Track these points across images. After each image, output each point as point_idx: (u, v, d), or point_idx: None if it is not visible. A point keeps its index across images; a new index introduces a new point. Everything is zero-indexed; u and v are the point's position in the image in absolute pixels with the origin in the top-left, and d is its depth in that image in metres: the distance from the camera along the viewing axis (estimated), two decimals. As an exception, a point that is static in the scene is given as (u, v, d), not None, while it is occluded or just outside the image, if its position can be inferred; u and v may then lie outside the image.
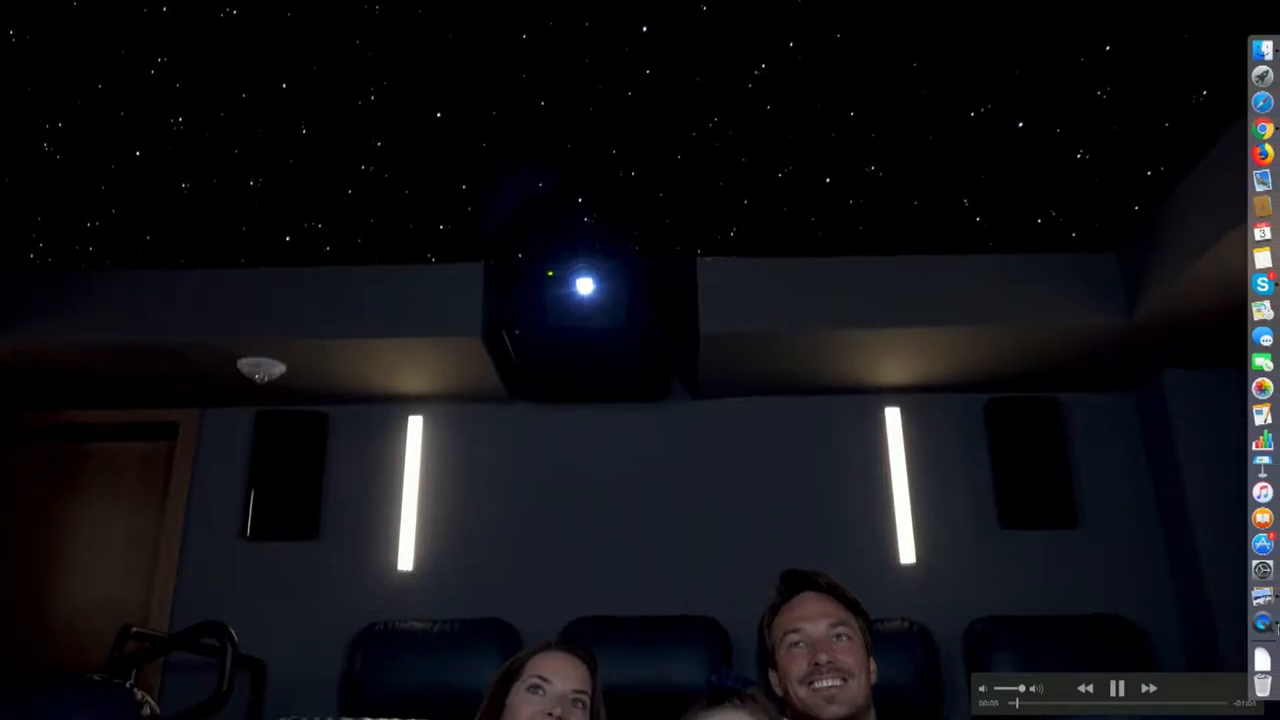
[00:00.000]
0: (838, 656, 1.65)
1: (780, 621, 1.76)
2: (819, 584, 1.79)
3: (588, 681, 1.68)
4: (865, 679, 1.67)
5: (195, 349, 3.92)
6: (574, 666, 1.68)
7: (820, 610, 1.72)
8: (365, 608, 4.06)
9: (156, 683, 4.06)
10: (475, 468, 4.45)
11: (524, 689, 1.64)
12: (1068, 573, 4.17)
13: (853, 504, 4.32)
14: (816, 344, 3.94)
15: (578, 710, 1.63)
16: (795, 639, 1.70)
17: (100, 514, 4.57)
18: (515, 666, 1.69)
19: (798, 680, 1.67)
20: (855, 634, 1.71)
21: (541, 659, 1.68)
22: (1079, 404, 4.43)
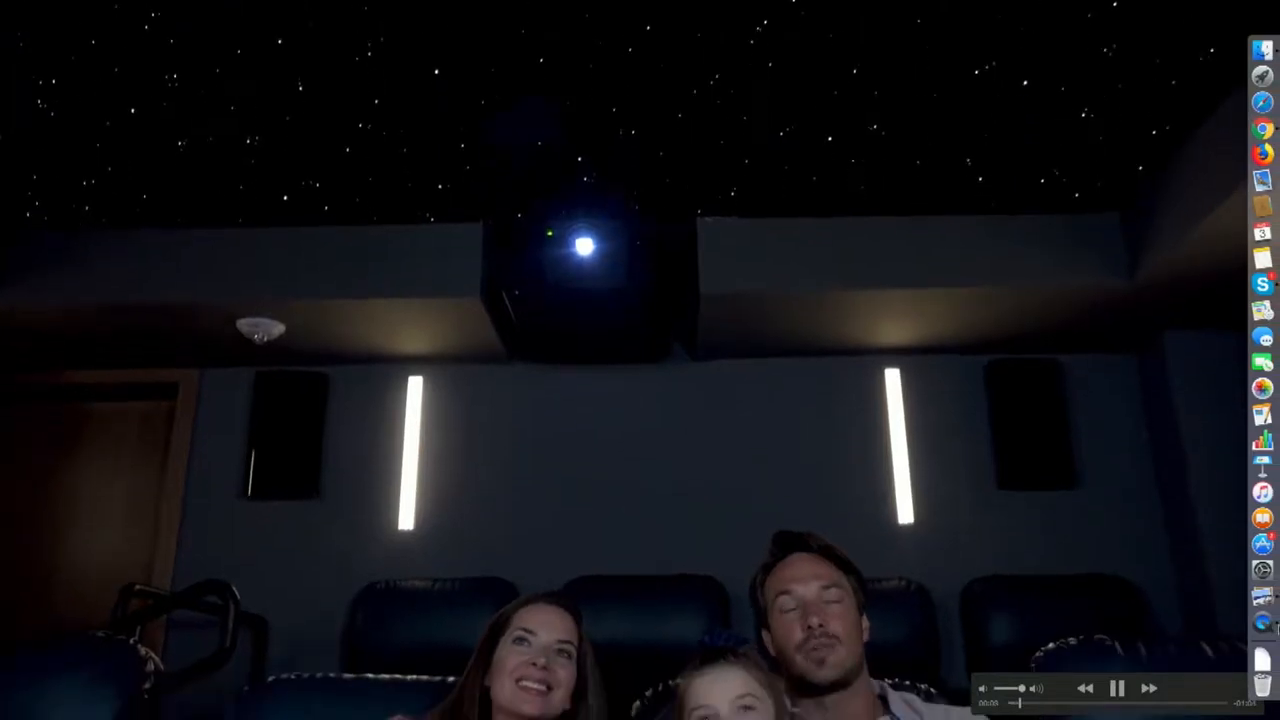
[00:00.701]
0: (829, 621, 1.66)
1: (772, 582, 1.76)
2: (810, 545, 1.79)
3: (573, 631, 1.69)
4: (856, 642, 1.68)
5: (194, 309, 3.91)
6: (559, 617, 1.70)
7: (812, 571, 1.73)
8: (366, 567, 4.09)
9: (160, 641, 4.11)
10: (475, 428, 4.46)
11: (510, 641, 1.65)
12: (1066, 533, 4.19)
13: (852, 464, 4.33)
14: (817, 305, 3.93)
15: (563, 660, 1.65)
16: (787, 601, 1.71)
17: (101, 474, 4.59)
18: (501, 620, 1.70)
19: (790, 645, 1.68)
20: (847, 595, 1.72)
21: (527, 611, 1.70)
22: (1079, 365, 4.43)
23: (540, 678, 1.60)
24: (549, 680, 1.61)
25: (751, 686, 1.46)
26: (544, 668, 1.61)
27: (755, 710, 1.44)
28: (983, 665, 3.80)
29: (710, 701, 1.44)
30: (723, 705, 1.43)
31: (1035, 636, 2.00)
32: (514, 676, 1.60)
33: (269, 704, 1.88)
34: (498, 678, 1.62)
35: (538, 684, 1.59)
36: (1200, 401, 4.06)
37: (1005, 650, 3.70)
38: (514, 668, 1.61)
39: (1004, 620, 3.83)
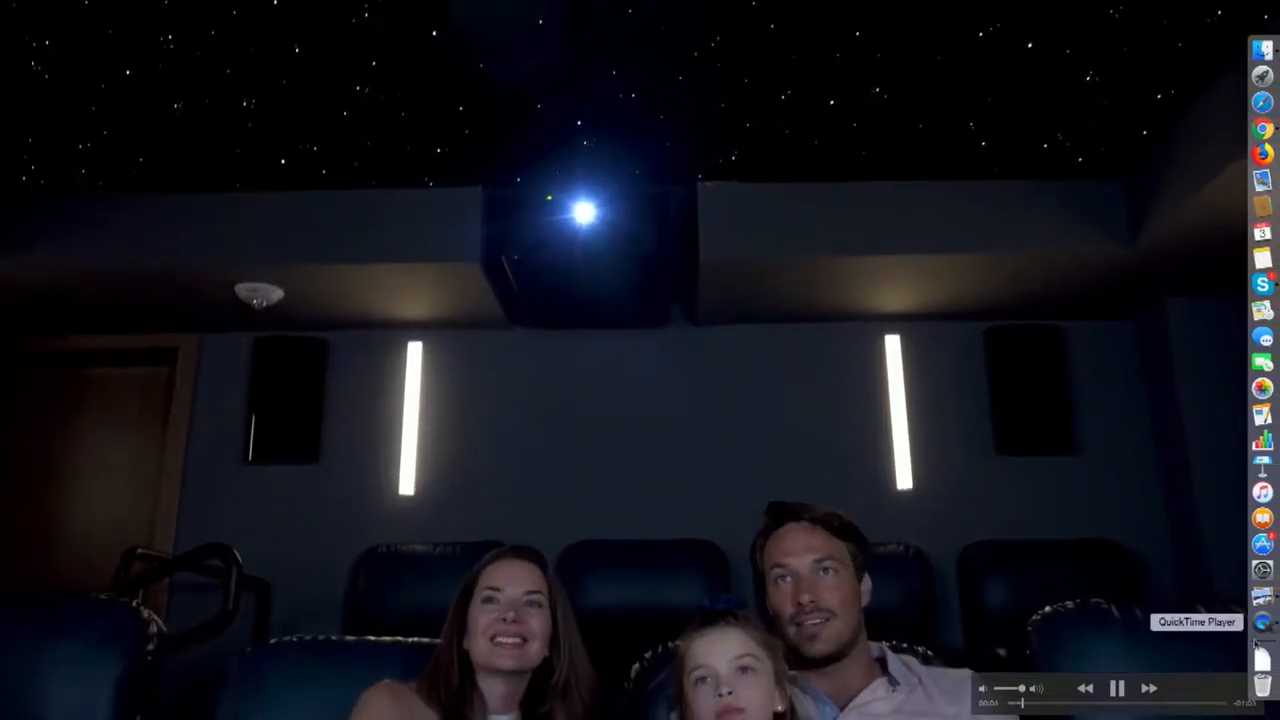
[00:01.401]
0: (821, 595, 1.66)
1: (767, 553, 1.76)
2: (801, 516, 1.78)
3: (540, 581, 1.71)
4: (852, 613, 1.68)
5: (193, 274, 3.89)
6: (523, 570, 1.71)
7: (805, 544, 1.72)
8: (367, 531, 4.11)
9: (162, 604, 4.14)
10: (475, 393, 4.46)
11: (480, 601, 1.67)
12: (1063, 498, 4.21)
13: (851, 430, 4.34)
14: (817, 270, 3.92)
15: (534, 610, 1.67)
16: (780, 573, 1.71)
17: (103, 438, 4.60)
18: (470, 582, 1.72)
19: (784, 619, 1.68)
20: (843, 566, 1.71)
21: (491, 570, 1.71)
22: (1079, 331, 4.42)
23: (513, 631, 1.62)
24: (522, 633, 1.62)
25: (750, 647, 1.47)
26: (515, 621, 1.63)
27: (754, 671, 1.45)
28: (979, 629, 3.84)
29: (709, 662, 1.45)
30: (721, 665, 1.44)
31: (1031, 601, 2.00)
32: (488, 634, 1.62)
33: (271, 666, 1.89)
34: (473, 638, 1.64)
35: (512, 638, 1.61)
36: (1200, 368, 4.06)
37: (1001, 614, 3.72)
38: (486, 626, 1.63)
39: (1000, 584, 3.85)
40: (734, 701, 1.41)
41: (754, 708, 1.43)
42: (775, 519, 1.79)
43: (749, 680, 1.44)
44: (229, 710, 1.83)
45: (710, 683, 1.44)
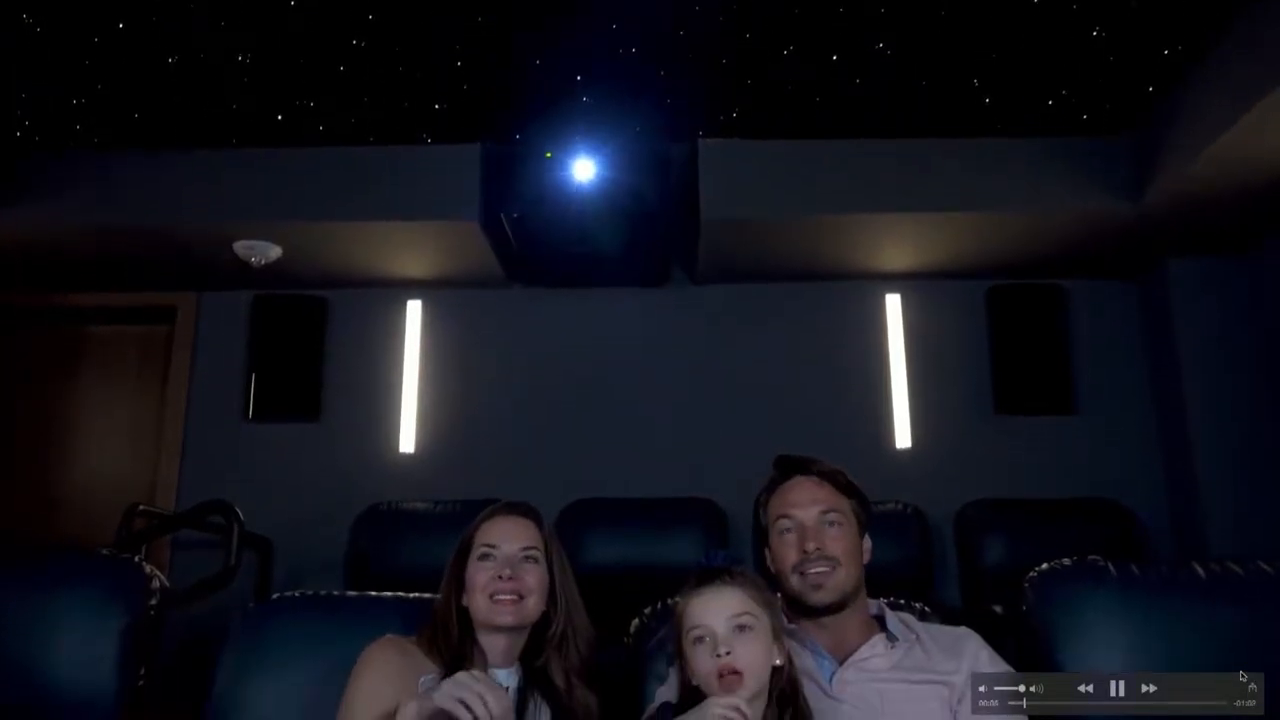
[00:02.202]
0: (826, 544, 1.67)
1: (773, 505, 1.77)
2: (811, 469, 1.79)
3: (536, 536, 1.72)
4: (854, 565, 1.70)
5: (189, 231, 3.87)
6: (519, 526, 1.72)
7: (811, 496, 1.73)
8: (368, 489, 4.12)
9: (165, 561, 4.16)
10: (475, 352, 4.46)
11: (476, 559, 1.68)
12: (1062, 458, 4.23)
13: (851, 389, 4.34)
14: (819, 228, 3.89)
15: (530, 565, 1.68)
16: (786, 524, 1.72)
17: (103, 396, 4.60)
18: (466, 539, 1.73)
19: (788, 568, 1.69)
20: (847, 520, 1.73)
21: (486, 527, 1.72)
22: (1081, 291, 4.41)
23: (510, 589, 1.63)
24: (519, 589, 1.64)
25: (748, 605, 1.47)
26: (511, 578, 1.64)
27: (751, 629, 1.45)
28: (976, 587, 3.87)
29: (707, 621, 1.46)
30: (719, 624, 1.45)
31: (1029, 559, 2.01)
32: (486, 592, 1.63)
33: (273, 621, 1.90)
34: (471, 595, 1.66)
35: (509, 595, 1.63)
36: (1202, 328, 4.06)
37: (998, 572, 3.75)
38: (484, 584, 1.64)
39: (997, 543, 3.88)
40: (732, 662, 1.42)
41: (752, 666, 1.43)
42: (783, 472, 1.80)
43: (747, 639, 1.45)
44: (231, 664, 1.84)
45: (708, 642, 1.45)
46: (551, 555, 1.72)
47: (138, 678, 1.89)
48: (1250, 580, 1.80)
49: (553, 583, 1.70)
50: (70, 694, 1.83)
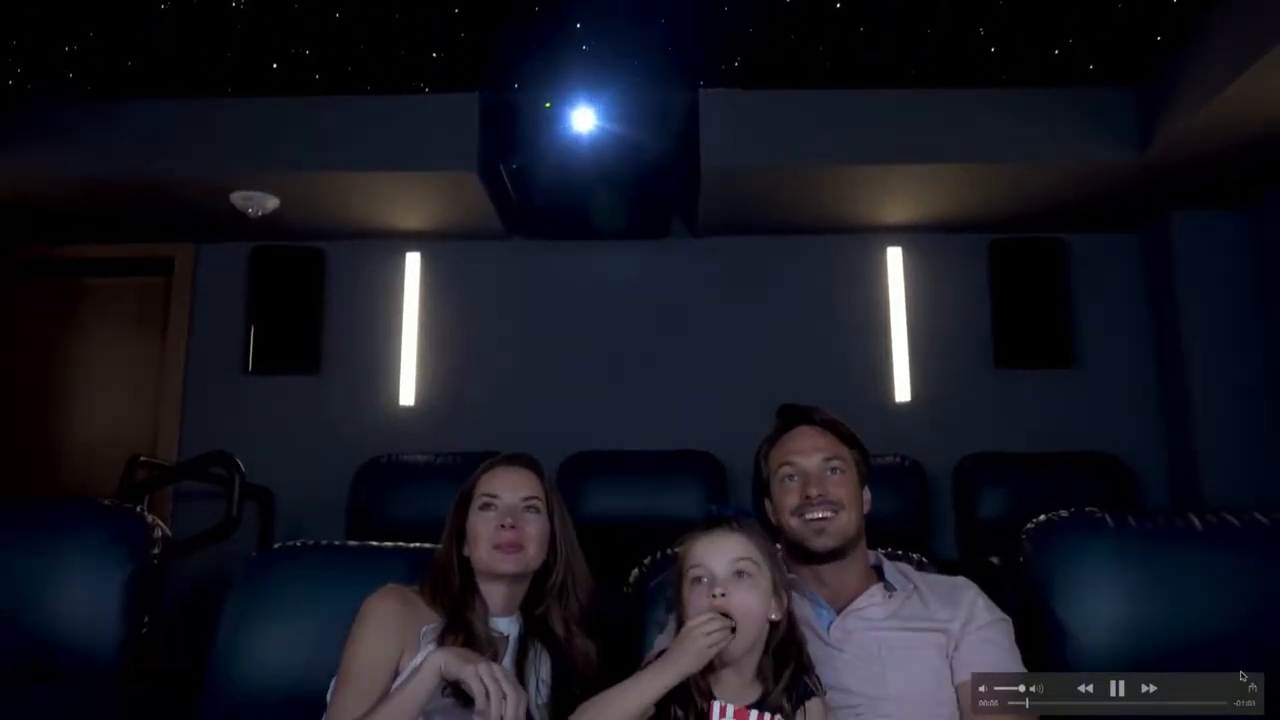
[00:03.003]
0: (828, 490, 1.68)
1: (775, 454, 1.78)
2: (814, 419, 1.80)
3: (537, 487, 1.73)
4: (856, 511, 1.71)
5: (186, 182, 3.84)
6: (520, 476, 1.73)
7: (814, 444, 1.74)
8: (368, 441, 4.14)
9: (167, 512, 4.19)
10: (474, 305, 4.45)
11: (477, 509, 1.69)
12: (1061, 412, 4.24)
13: (851, 343, 4.34)
14: (820, 180, 3.86)
15: (531, 515, 1.70)
16: (788, 471, 1.73)
17: (102, 348, 4.60)
18: (467, 490, 1.74)
19: (789, 512, 1.70)
20: (848, 468, 1.74)
21: (488, 477, 1.73)
22: (1083, 245, 4.39)
23: (511, 539, 1.64)
24: (520, 539, 1.65)
25: (750, 552, 1.48)
26: (512, 527, 1.65)
27: (750, 576, 1.46)
28: (973, 539, 3.89)
29: (708, 563, 1.47)
30: (719, 567, 1.46)
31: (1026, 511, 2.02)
32: (487, 542, 1.64)
33: (275, 570, 1.92)
34: (473, 545, 1.67)
35: (510, 544, 1.64)
36: (1203, 281, 4.05)
37: (996, 524, 3.78)
38: (485, 534, 1.65)
39: (994, 495, 3.90)
40: (726, 604, 1.43)
41: (747, 613, 1.44)
42: (786, 421, 1.81)
43: (744, 585, 1.45)
44: (234, 612, 1.86)
45: (706, 583, 1.46)
46: (552, 505, 1.73)
47: (141, 626, 1.90)
48: (1246, 531, 1.81)
49: (553, 533, 1.71)
50: (74, 643, 1.85)
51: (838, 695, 1.53)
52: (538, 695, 1.63)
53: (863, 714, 1.53)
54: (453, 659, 1.42)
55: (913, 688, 1.56)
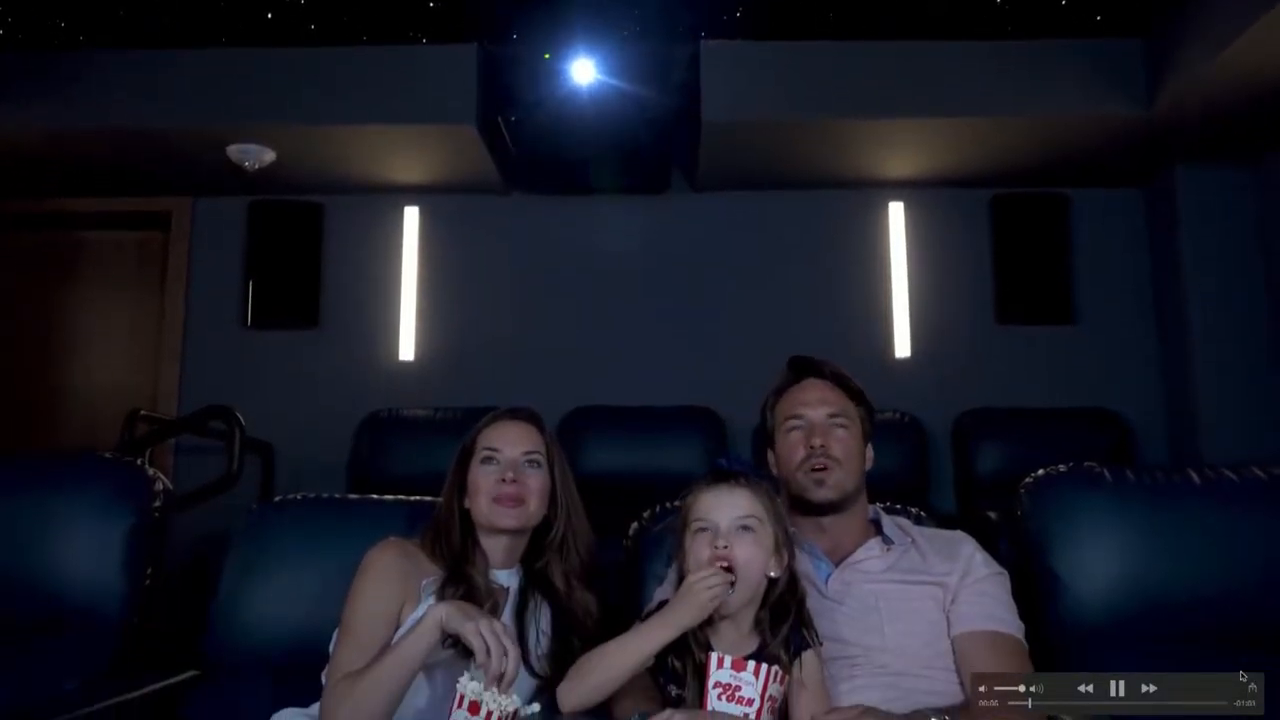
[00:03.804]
0: (832, 444, 1.69)
1: (782, 405, 1.78)
2: (824, 372, 1.80)
3: (538, 441, 1.73)
4: (858, 467, 1.71)
5: (182, 135, 3.80)
6: (521, 430, 1.73)
7: (821, 398, 1.75)
8: (367, 396, 4.14)
9: (168, 466, 4.20)
10: (473, 259, 4.43)
11: (479, 462, 1.70)
12: (1061, 368, 4.24)
13: (852, 298, 4.33)
14: (822, 133, 3.82)
15: (532, 469, 1.70)
16: (794, 424, 1.73)
17: (101, 303, 4.59)
18: (468, 444, 1.74)
19: (793, 465, 1.71)
20: (853, 423, 1.74)
21: (489, 431, 1.73)
22: (1086, 200, 4.35)
23: (512, 493, 1.64)
24: (521, 493, 1.65)
25: (755, 509, 1.48)
26: (514, 481, 1.65)
27: (753, 532, 1.47)
28: (970, 493, 3.92)
29: (712, 517, 1.47)
30: (723, 521, 1.47)
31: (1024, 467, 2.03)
32: (488, 495, 1.65)
33: (276, 521, 1.93)
34: (474, 499, 1.67)
35: (511, 498, 1.64)
36: (1206, 237, 4.03)
37: (994, 479, 3.79)
38: (486, 487, 1.65)
39: (992, 451, 3.91)
40: (728, 556, 1.44)
41: (747, 567, 1.45)
42: (795, 373, 1.81)
43: (747, 539, 1.46)
44: (236, 564, 1.87)
45: (709, 534, 1.47)
46: (553, 460, 1.73)
47: (144, 578, 1.92)
48: (1245, 485, 1.81)
49: (554, 487, 1.72)
50: (79, 594, 1.87)
51: (835, 647, 1.55)
52: (538, 646, 1.65)
53: (860, 665, 1.55)
54: (453, 613, 1.44)
55: (909, 639, 1.57)
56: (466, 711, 1.42)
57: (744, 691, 1.39)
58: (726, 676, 1.39)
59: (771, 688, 1.39)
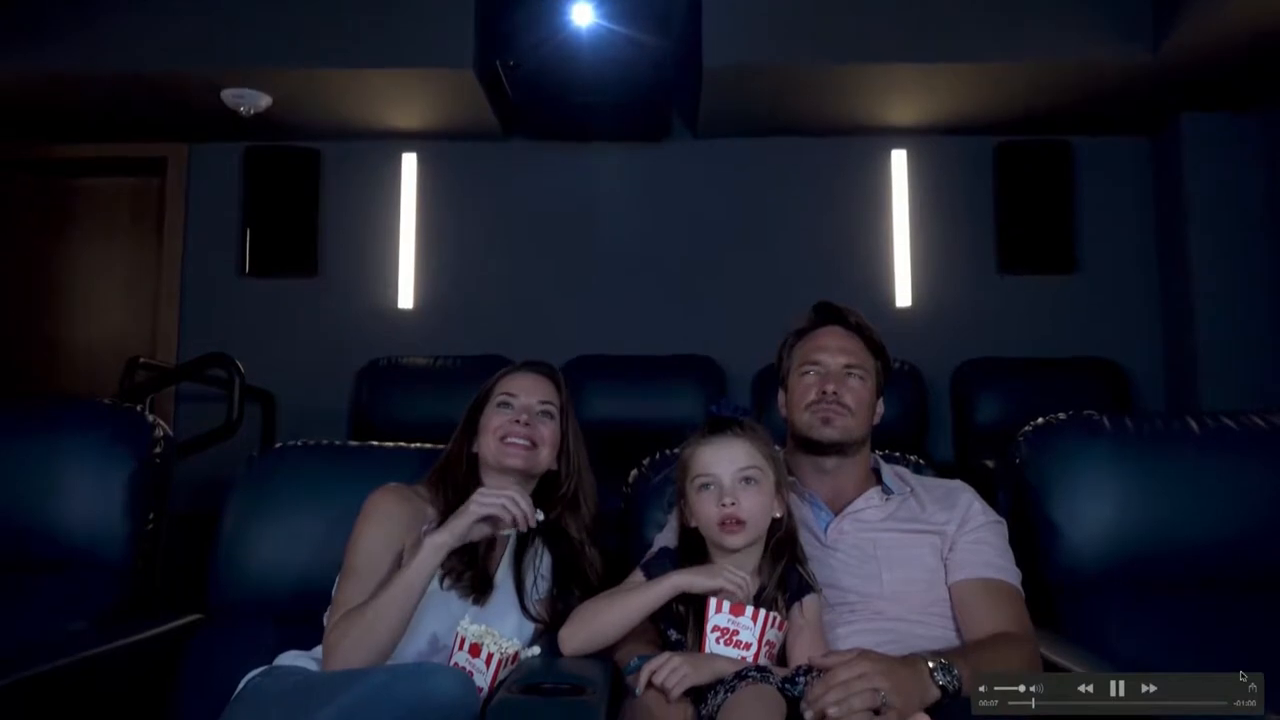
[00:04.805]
0: (845, 393, 1.68)
1: (801, 348, 1.77)
2: (848, 321, 1.79)
3: (554, 394, 1.75)
4: (867, 418, 1.71)
5: (175, 79, 3.75)
6: (539, 381, 1.74)
7: (841, 346, 1.74)
8: (367, 344, 4.13)
9: (170, 414, 4.21)
10: (472, 207, 4.40)
11: (494, 406, 1.71)
12: (1061, 317, 4.23)
13: (853, 247, 4.31)
14: (825, 79, 3.77)
15: (545, 419, 1.71)
16: (810, 368, 1.73)
17: (99, 250, 4.57)
18: (486, 390, 1.75)
19: (802, 405, 1.70)
20: (869, 375, 1.74)
21: (508, 379, 1.75)
22: (1090, 148, 4.31)
23: (524, 434, 1.65)
24: (532, 437, 1.66)
25: (755, 459, 1.49)
26: (527, 424, 1.66)
27: (756, 483, 1.48)
28: (969, 442, 3.93)
29: (715, 470, 1.48)
30: (726, 474, 1.47)
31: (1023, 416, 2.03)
32: (498, 435, 1.66)
33: (278, 468, 1.94)
34: (484, 438, 1.69)
35: (522, 439, 1.65)
36: (1211, 185, 3.99)
37: (992, 429, 3.80)
38: (498, 427, 1.66)
39: (992, 400, 3.92)
40: (736, 512, 1.45)
41: (754, 517, 1.47)
42: (820, 318, 1.80)
43: (751, 490, 1.47)
44: (238, 510, 1.88)
45: (714, 490, 1.48)
46: (567, 415, 1.74)
47: (146, 523, 1.93)
48: (1243, 433, 1.82)
49: (565, 442, 1.72)
50: (82, 538, 1.88)
51: (833, 593, 1.56)
52: (535, 591, 1.67)
53: (857, 610, 1.57)
54: (447, 525, 1.50)
55: (907, 587, 1.58)
56: (467, 654, 1.44)
57: (742, 636, 1.41)
58: (725, 621, 1.41)
59: (769, 632, 1.41)
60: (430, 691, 1.25)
